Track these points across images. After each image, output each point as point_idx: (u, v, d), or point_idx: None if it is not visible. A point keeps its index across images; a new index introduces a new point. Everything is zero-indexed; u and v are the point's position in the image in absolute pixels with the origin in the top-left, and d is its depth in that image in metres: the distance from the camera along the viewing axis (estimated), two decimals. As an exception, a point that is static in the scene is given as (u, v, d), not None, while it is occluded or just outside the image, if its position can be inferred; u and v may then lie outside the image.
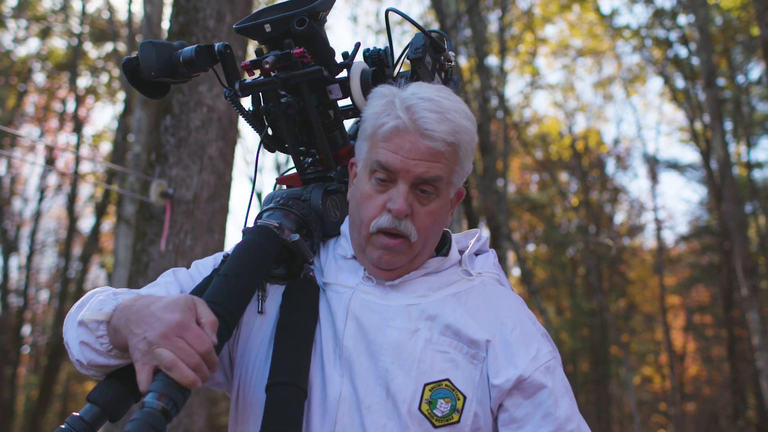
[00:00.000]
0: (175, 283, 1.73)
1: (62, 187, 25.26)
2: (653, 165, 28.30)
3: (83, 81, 23.91)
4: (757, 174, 25.16)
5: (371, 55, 1.91)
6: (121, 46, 22.37)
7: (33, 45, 23.67)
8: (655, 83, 36.54)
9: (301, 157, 1.94)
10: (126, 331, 1.40)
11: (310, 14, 1.71)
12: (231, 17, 4.05)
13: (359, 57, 1.91)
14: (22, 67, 22.75)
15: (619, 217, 32.21)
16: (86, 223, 26.33)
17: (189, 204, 3.92)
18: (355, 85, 1.83)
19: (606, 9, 35.29)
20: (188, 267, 1.84)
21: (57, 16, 22.47)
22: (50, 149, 24.47)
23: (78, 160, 22.13)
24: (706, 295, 29.35)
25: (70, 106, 24.34)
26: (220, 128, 4.04)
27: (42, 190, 24.06)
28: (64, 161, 25.12)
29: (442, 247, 1.82)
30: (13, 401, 22.67)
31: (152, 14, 10.23)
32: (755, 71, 23.96)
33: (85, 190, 24.79)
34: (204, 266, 1.80)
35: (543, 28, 25.52)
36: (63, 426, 1.39)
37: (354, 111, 1.93)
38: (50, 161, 24.29)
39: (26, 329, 25.20)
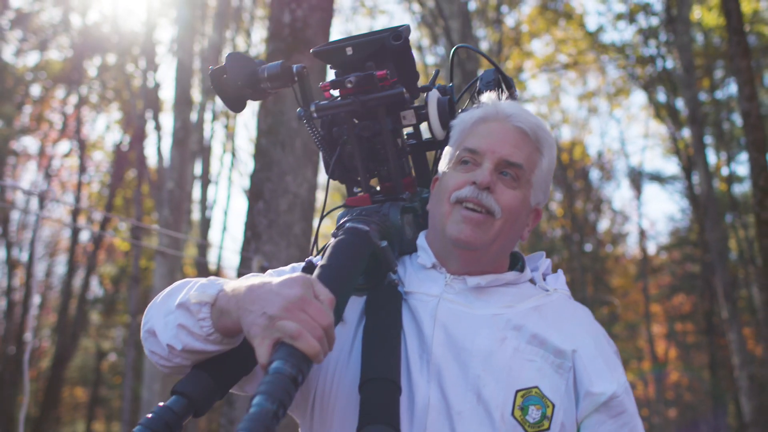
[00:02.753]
0: None
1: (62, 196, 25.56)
2: (637, 177, 28.98)
3: (77, 91, 24.10)
4: (737, 188, 25.73)
5: (439, 89, 1.93)
6: (112, 58, 22.90)
7: (31, 58, 23.75)
8: (639, 96, 37.14)
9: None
10: (239, 311, 1.38)
11: (405, 35, 1.76)
12: (310, 118, 4.79)
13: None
14: (21, 80, 22.95)
15: (603, 225, 32.78)
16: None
17: (279, 276, 4.55)
18: (433, 112, 1.85)
19: (591, 25, 35.80)
20: None
21: (56, 28, 22.79)
22: (50, 158, 24.86)
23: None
24: (687, 304, 29.97)
25: (67, 117, 24.63)
26: (303, 211, 4.78)
27: (41, 200, 24.22)
28: (66, 173, 25.36)
29: (515, 264, 1.83)
30: (13, 407, 22.99)
31: (184, 60, 10.78)
32: (735, 86, 24.56)
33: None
34: (281, 274, 1.74)
35: (529, 43, 26.14)
36: (150, 415, 1.39)
37: (415, 147, 1.98)
38: (48, 174, 24.69)
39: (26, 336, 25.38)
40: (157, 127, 17.75)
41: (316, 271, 1.54)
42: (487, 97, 1.82)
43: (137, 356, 16.44)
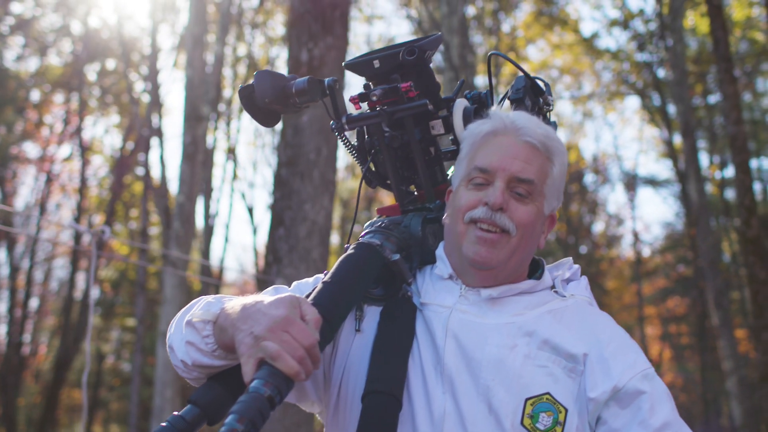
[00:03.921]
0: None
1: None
2: (631, 181, 29.20)
3: (76, 96, 24.18)
4: (730, 192, 25.88)
5: (472, 97, 1.94)
6: (112, 64, 23.15)
7: (32, 63, 23.89)
8: (633, 100, 37.33)
9: (403, 188, 1.98)
10: (232, 329, 1.43)
11: (420, 50, 1.78)
12: (326, 150, 5.22)
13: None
14: (21, 85, 23.04)
15: (598, 227, 32.95)
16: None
17: (299, 297, 4.89)
18: (458, 121, 1.85)
19: (586, 32, 36.04)
20: None
21: (56, 33, 22.94)
22: (51, 161, 24.98)
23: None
24: (681, 306, 30.18)
25: (68, 122, 24.76)
26: (321, 237, 5.11)
27: (42, 204, 24.45)
28: (68, 176, 25.50)
29: (535, 272, 1.82)
30: (15, 409, 23.10)
31: (193, 77, 11.06)
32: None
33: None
34: (304, 285, 1.87)
35: (525, 48, 26.39)
36: (164, 424, 1.40)
37: (455, 153, 1.92)
38: (49, 179, 24.83)
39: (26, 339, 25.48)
40: (160, 135, 17.97)
41: (318, 287, 1.59)
42: (495, 109, 1.81)
43: (143, 361, 16.68)
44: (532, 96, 1.97)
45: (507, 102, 1.95)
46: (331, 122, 1.89)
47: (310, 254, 4.98)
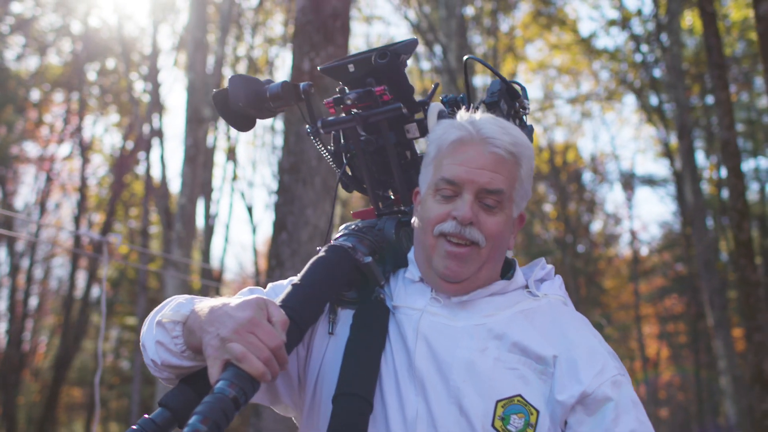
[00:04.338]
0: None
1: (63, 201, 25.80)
2: (629, 180, 29.30)
3: (76, 95, 24.24)
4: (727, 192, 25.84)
5: (449, 101, 1.94)
6: (112, 64, 23.24)
7: (32, 62, 23.95)
8: (631, 99, 37.44)
9: (380, 193, 1.98)
10: (200, 331, 1.45)
11: (392, 53, 1.77)
12: (328, 156, 5.31)
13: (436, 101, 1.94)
14: (21, 84, 23.09)
15: (596, 226, 33.03)
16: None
17: (302, 299, 5.04)
18: (432, 124, 1.84)
19: (584, 31, 36.12)
20: None
21: (56, 33, 23.02)
22: (51, 160, 25.03)
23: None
24: (679, 305, 30.28)
25: (68, 121, 24.84)
26: (322, 241, 5.07)
27: (42, 204, 24.53)
28: (68, 176, 25.58)
29: (507, 272, 1.80)
30: (15, 408, 23.19)
31: (195, 81, 11.19)
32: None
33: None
34: (279, 287, 1.84)
35: (523, 48, 26.51)
36: (135, 427, 1.41)
37: None
38: (49, 178, 24.91)
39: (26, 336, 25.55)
40: (160, 135, 18.05)
41: (287, 289, 1.60)
42: (462, 114, 1.76)
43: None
44: (508, 100, 1.96)
45: (483, 106, 1.92)
46: (306, 126, 1.90)
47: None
